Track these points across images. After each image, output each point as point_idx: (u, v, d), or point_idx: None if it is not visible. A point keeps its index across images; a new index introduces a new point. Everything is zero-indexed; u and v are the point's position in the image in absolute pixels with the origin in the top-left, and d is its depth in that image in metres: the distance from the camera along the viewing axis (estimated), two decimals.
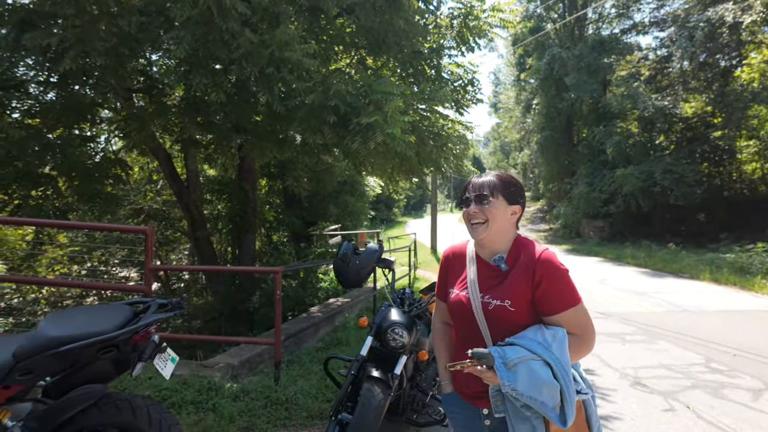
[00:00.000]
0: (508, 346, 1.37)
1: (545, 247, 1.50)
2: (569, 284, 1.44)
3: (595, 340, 1.48)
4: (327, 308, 6.40)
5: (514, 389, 1.30)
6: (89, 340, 1.66)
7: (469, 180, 1.60)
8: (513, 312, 1.43)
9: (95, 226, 6.00)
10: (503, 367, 1.31)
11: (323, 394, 3.37)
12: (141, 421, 1.83)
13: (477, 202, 1.51)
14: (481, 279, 1.52)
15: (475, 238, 1.54)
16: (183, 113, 5.89)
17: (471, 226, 1.53)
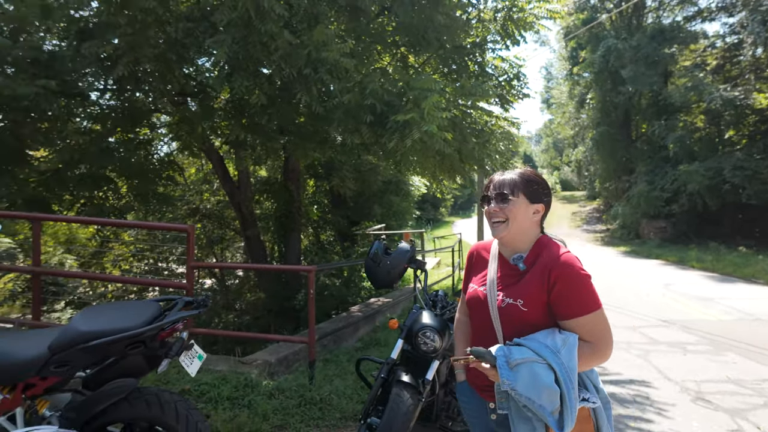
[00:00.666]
0: (514, 346, 1.38)
1: (567, 250, 1.48)
2: (588, 289, 1.41)
3: (611, 350, 1.44)
4: (367, 308, 6.38)
5: (514, 389, 1.31)
6: (116, 335, 1.70)
7: (490, 178, 1.58)
8: (525, 312, 1.43)
9: (140, 225, 6.34)
10: (506, 366, 1.33)
11: (358, 395, 3.33)
12: (168, 416, 1.86)
13: (497, 201, 1.51)
14: (500, 277, 1.53)
15: (495, 236, 1.54)
16: (229, 115, 6.07)
17: (491, 225, 1.53)
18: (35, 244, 3.73)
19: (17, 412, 1.75)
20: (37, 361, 1.68)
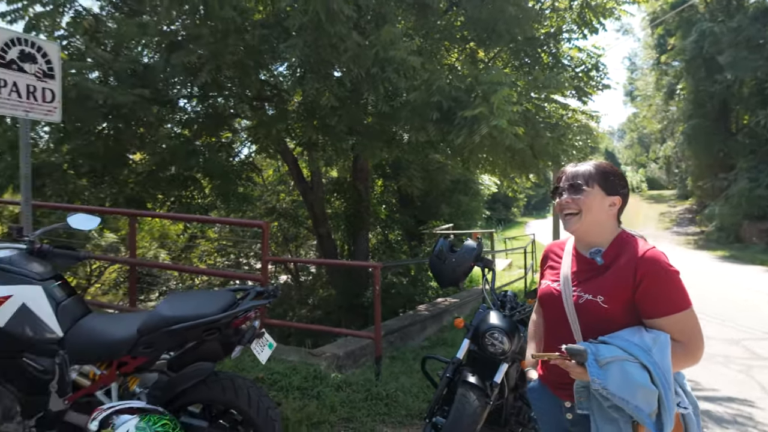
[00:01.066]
0: (601, 344, 1.31)
1: (652, 245, 1.39)
2: (677, 286, 1.33)
3: (703, 350, 1.35)
4: (435, 307, 6.32)
5: (605, 388, 1.24)
6: (194, 321, 1.82)
7: (562, 170, 1.51)
8: (605, 308, 1.36)
9: (221, 221, 6.80)
10: (595, 364, 1.26)
11: (424, 393, 3.30)
12: (242, 400, 1.96)
13: (570, 192, 1.43)
14: (575, 272, 1.47)
15: (567, 229, 1.47)
16: (301, 117, 6.31)
17: (563, 218, 1.46)
18: (131, 238, 4.13)
19: (112, 386, 1.94)
20: (129, 342, 1.85)
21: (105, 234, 8.04)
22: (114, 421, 1.72)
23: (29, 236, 2.13)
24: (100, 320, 1.98)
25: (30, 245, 2.06)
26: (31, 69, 3.11)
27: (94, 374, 1.93)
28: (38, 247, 2.07)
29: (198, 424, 1.95)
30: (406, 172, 11.24)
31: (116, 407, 1.77)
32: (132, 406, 1.78)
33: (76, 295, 2.05)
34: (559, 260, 1.55)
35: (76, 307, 1.99)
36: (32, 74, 3.12)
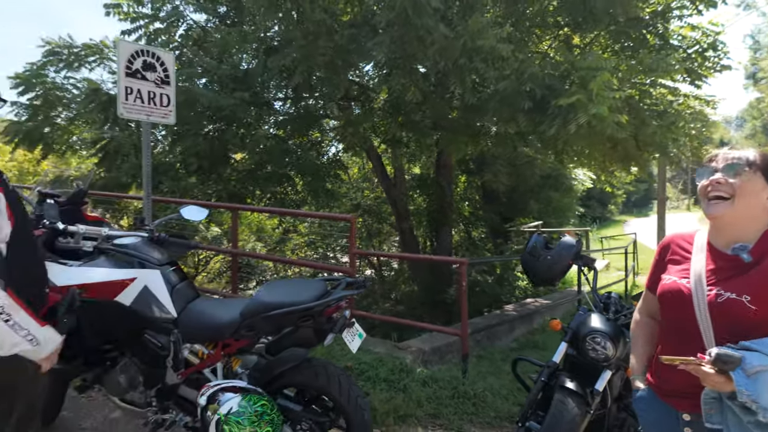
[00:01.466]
0: (748, 351, 1.14)
1: None
2: None
3: None
4: (523, 308, 6.04)
5: (755, 401, 1.08)
6: (291, 308, 1.90)
7: (713, 153, 1.34)
8: (752, 310, 1.19)
9: (311, 215, 7.11)
10: (742, 374, 1.10)
11: (514, 396, 3.17)
12: (333, 387, 2.01)
13: (725, 172, 1.26)
14: (712, 269, 1.30)
15: (711, 214, 1.28)
16: (386, 114, 6.38)
17: (708, 202, 1.28)
18: (233, 231, 4.46)
19: (218, 366, 2.10)
20: (232, 325, 1.99)
21: (211, 227, 8.81)
22: (220, 397, 1.85)
23: (150, 226, 2.38)
24: (207, 304, 2.15)
25: (150, 234, 2.30)
26: (151, 77, 3.48)
27: (203, 353, 2.10)
28: (157, 236, 2.30)
29: (293, 407, 2.03)
30: (491, 168, 10.88)
31: (222, 385, 1.91)
32: (235, 385, 1.91)
33: (188, 280, 2.25)
34: (686, 254, 1.38)
35: (187, 291, 2.18)
36: (152, 81, 3.49)
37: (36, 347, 1.30)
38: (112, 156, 6.85)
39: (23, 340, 1.26)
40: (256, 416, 1.80)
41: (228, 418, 1.76)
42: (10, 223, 1.31)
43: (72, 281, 2.02)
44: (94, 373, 2.12)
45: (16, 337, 1.25)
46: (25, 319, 1.26)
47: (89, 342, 2.10)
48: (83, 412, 2.65)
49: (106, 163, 7.01)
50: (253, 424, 1.78)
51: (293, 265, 9.87)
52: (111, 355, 2.14)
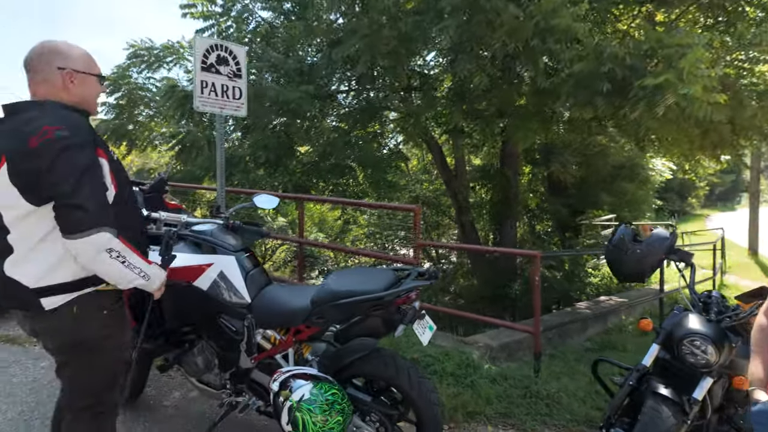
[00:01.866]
0: None
1: None
2: None
3: None
4: (597, 306, 5.67)
5: None
6: (362, 297, 1.86)
7: None
8: None
9: (376, 205, 7.11)
10: None
11: (592, 399, 2.95)
12: (402, 379, 1.96)
13: None
14: None
15: None
16: (450, 103, 6.22)
17: None
18: (300, 220, 4.55)
19: (289, 352, 2.11)
20: (304, 312, 1.99)
21: (277, 218, 9.12)
22: (291, 384, 1.86)
23: (225, 213, 2.45)
24: (279, 290, 2.17)
25: (225, 221, 2.36)
26: (224, 71, 3.60)
27: (275, 339, 2.12)
28: (232, 223, 2.36)
29: (362, 397, 2.00)
30: (559, 158, 10.34)
31: (293, 371, 1.91)
32: (307, 372, 1.91)
33: (261, 266, 2.29)
34: None
35: (260, 277, 2.22)
36: (225, 75, 3.61)
37: (147, 282, 1.52)
38: (187, 150, 7.25)
39: (137, 277, 1.48)
40: (327, 405, 1.78)
41: (300, 405, 1.76)
42: (114, 187, 1.50)
43: None
44: (174, 353, 2.22)
45: (132, 274, 1.46)
46: (136, 259, 1.47)
47: (169, 323, 2.20)
48: (164, 390, 2.81)
49: (182, 156, 7.44)
50: (324, 412, 1.77)
51: (357, 256, 9.97)
52: (189, 337, 2.23)
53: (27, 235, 1.39)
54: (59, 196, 1.32)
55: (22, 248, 1.40)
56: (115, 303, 1.60)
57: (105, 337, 1.54)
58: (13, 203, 1.36)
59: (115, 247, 1.39)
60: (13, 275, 1.41)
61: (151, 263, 1.55)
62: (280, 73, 6.46)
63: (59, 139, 1.33)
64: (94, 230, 1.34)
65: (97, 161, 1.42)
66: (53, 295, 1.42)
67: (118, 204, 1.50)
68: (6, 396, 2.63)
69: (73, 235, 1.33)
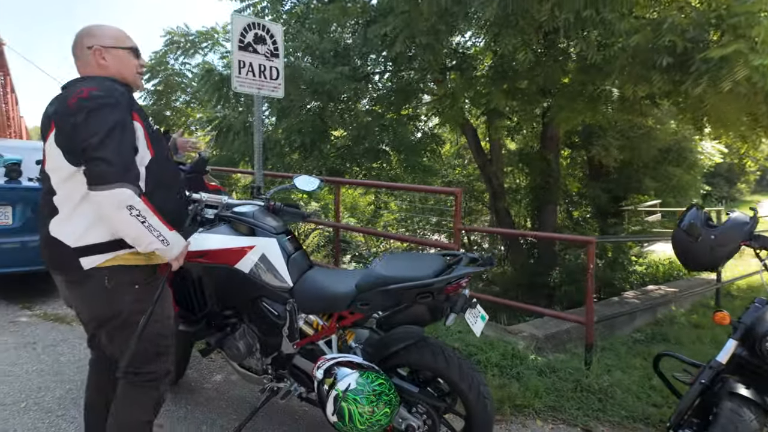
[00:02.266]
0: None
1: None
2: None
3: None
4: (645, 296, 5.37)
5: None
6: (411, 283, 1.74)
7: None
8: None
9: (414, 188, 6.94)
10: None
11: (647, 395, 2.76)
12: (452, 371, 1.84)
13: None
14: None
15: None
16: (490, 82, 5.96)
17: None
18: (336, 204, 4.47)
19: (333, 338, 2.03)
20: (348, 297, 1.89)
21: (310, 202, 9.12)
22: (336, 372, 1.78)
23: (265, 195, 2.38)
24: (322, 274, 2.08)
25: (266, 202, 2.28)
26: (262, 50, 3.51)
27: (318, 324, 2.04)
28: (272, 205, 2.29)
29: (409, 388, 1.90)
30: (601, 140, 9.86)
31: (338, 359, 1.83)
32: (352, 361, 1.82)
33: (302, 249, 2.21)
34: None
35: (302, 261, 2.14)
36: (263, 54, 3.52)
37: (166, 247, 1.49)
38: (224, 134, 7.30)
39: (156, 240, 1.46)
40: (375, 396, 1.69)
41: (346, 395, 1.68)
42: (150, 153, 1.54)
43: (195, 247, 2.06)
44: (216, 337, 2.18)
45: (151, 237, 1.44)
46: (157, 222, 1.46)
47: (210, 307, 2.15)
48: (206, 372, 2.81)
49: (219, 140, 7.50)
50: (371, 403, 1.68)
51: (390, 240, 9.82)
52: (231, 321, 2.18)
53: (69, 196, 1.46)
54: (87, 149, 1.37)
55: (66, 209, 1.47)
56: (149, 277, 1.60)
57: (138, 311, 1.54)
58: (58, 165, 1.44)
59: (136, 206, 1.40)
60: (57, 235, 1.48)
61: (172, 230, 1.53)
62: (314, 55, 6.36)
63: (92, 98, 1.41)
64: (117, 185, 1.37)
65: (129, 123, 1.46)
66: (91, 254, 1.47)
67: (154, 172, 1.55)
68: (54, 374, 2.68)
69: (96, 187, 1.37)
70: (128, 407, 1.61)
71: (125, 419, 1.61)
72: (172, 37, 9.22)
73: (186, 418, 2.29)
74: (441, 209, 11.52)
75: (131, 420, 1.61)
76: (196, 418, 2.31)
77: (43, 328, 3.37)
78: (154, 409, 1.67)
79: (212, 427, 2.24)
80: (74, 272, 1.49)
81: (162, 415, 2.30)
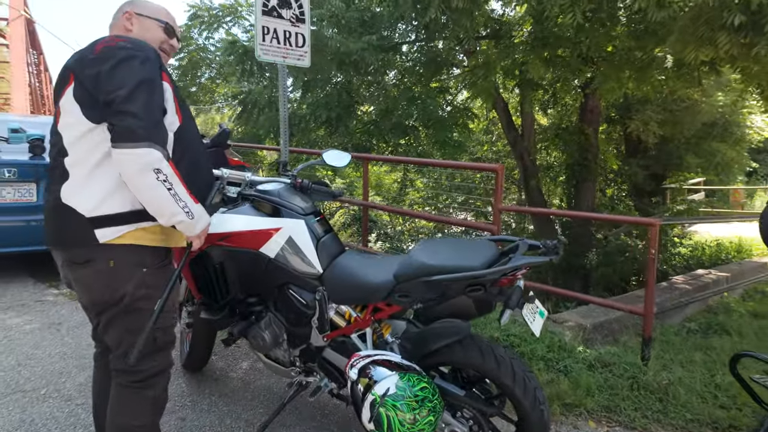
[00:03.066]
0: None
1: None
2: None
3: None
4: (696, 281, 4.99)
5: None
6: (460, 274, 1.51)
7: None
8: None
9: (448, 164, 6.61)
10: None
11: (713, 395, 2.47)
12: (504, 373, 1.61)
13: None
14: None
15: None
16: (530, 49, 5.53)
17: None
18: (365, 182, 4.24)
19: (367, 331, 1.82)
20: (385, 288, 1.67)
21: (335, 180, 8.92)
22: (372, 372, 1.57)
23: (291, 171, 2.16)
24: (356, 260, 1.86)
25: (293, 180, 2.07)
26: (287, 14, 3.25)
27: (350, 316, 1.84)
28: (300, 182, 2.07)
29: (454, 391, 1.69)
30: (640, 115, 9.24)
31: (374, 357, 1.62)
32: (390, 360, 1.61)
33: (333, 232, 1.99)
34: None
35: (333, 245, 1.92)
36: (288, 20, 3.26)
37: (191, 220, 1.35)
38: (249, 110, 7.11)
39: (181, 211, 1.31)
40: (417, 402, 1.48)
41: (384, 400, 1.47)
42: (179, 119, 1.41)
43: (217, 229, 1.87)
44: (240, 326, 2.00)
45: (176, 207, 1.30)
46: (183, 191, 1.31)
47: (233, 293, 1.98)
48: (231, 359, 2.67)
49: (244, 116, 7.32)
50: (413, 411, 1.47)
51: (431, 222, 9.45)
52: (256, 309, 2.01)
53: (83, 159, 1.30)
54: (114, 101, 1.22)
55: (79, 174, 1.31)
56: (160, 262, 1.44)
57: (142, 297, 1.38)
58: (74, 121, 1.29)
59: (164, 170, 1.25)
60: (70, 203, 1.31)
61: (198, 203, 1.38)
62: (340, 25, 6.03)
63: (123, 47, 1.29)
64: (145, 144, 1.22)
65: (159, 81, 1.32)
66: (108, 226, 1.32)
67: (182, 141, 1.41)
68: (77, 359, 2.59)
69: (122, 144, 1.22)
70: (121, 410, 1.44)
71: (119, 423, 1.44)
72: (196, 11, 9.02)
73: (209, 411, 2.15)
74: (469, 186, 11.15)
75: (124, 424, 1.43)
76: (220, 410, 2.17)
77: (69, 308, 3.30)
78: (153, 411, 1.49)
79: (237, 420, 2.10)
80: (81, 249, 1.33)
81: (185, 407, 2.17)
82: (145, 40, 1.41)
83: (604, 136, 11.25)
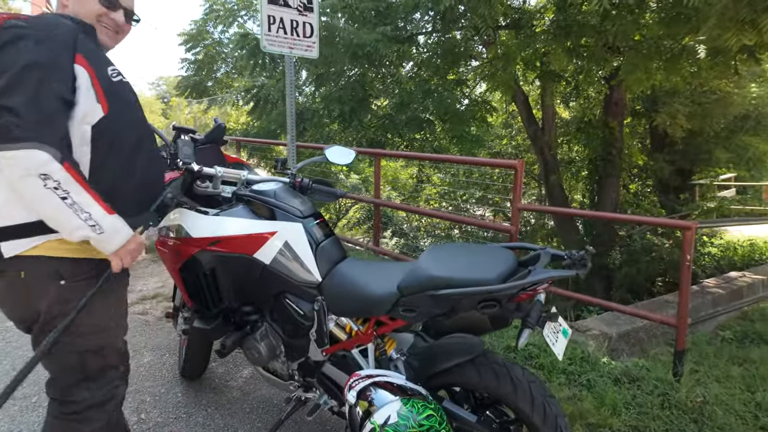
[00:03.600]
0: None
1: None
2: None
3: None
4: (728, 284, 4.68)
5: None
6: (471, 289, 1.32)
7: None
8: None
9: (465, 160, 6.37)
10: None
11: (754, 415, 2.24)
12: (521, 398, 1.43)
13: None
14: None
15: None
16: (552, 38, 5.25)
17: None
18: (376, 178, 4.07)
19: (369, 347, 1.66)
20: (388, 300, 1.51)
21: (350, 175, 8.77)
22: (372, 395, 1.41)
23: (291, 170, 2.00)
24: (357, 268, 1.70)
25: (292, 178, 1.91)
26: (293, 3, 3.08)
27: (351, 329, 1.68)
28: (299, 182, 1.92)
29: (465, 416, 1.51)
30: (667, 107, 8.81)
31: (375, 378, 1.46)
32: (392, 381, 1.45)
33: (334, 236, 1.83)
34: None
35: (333, 250, 1.76)
36: (295, 8, 3.10)
37: (100, 236, 1.14)
38: (261, 105, 7.00)
39: (83, 225, 1.11)
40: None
41: (384, 430, 1.30)
42: (102, 108, 1.19)
43: (207, 233, 1.73)
44: (233, 337, 1.86)
45: (76, 220, 1.10)
46: (87, 200, 1.11)
47: (227, 302, 1.84)
48: (231, 367, 2.55)
49: (257, 111, 7.22)
50: None
51: (441, 219, 9.24)
52: (251, 318, 1.86)
53: None
54: None
55: None
56: (84, 275, 1.23)
57: (59, 315, 1.19)
58: None
59: (53, 175, 1.05)
60: None
61: (113, 213, 1.16)
62: (354, 15, 5.85)
63: (11, 27, 1.09)
64: (26, 144, 1.03)
65: (60, 65, 1.11)
66: (13, 239, 1.14)
67: (107, 134, 1.20)
68: None
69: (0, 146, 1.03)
70: None
71: None
72: (212, 5, 8.96)
73: (205, 425, 2.03)
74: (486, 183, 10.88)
75: None
76: (215, 424, 2.04)
77: None
78: None
79: None
80: None
81: (179, 419, 2.05)
82: (77, 15, 1.25)
83: (629, 130, 10.82)
